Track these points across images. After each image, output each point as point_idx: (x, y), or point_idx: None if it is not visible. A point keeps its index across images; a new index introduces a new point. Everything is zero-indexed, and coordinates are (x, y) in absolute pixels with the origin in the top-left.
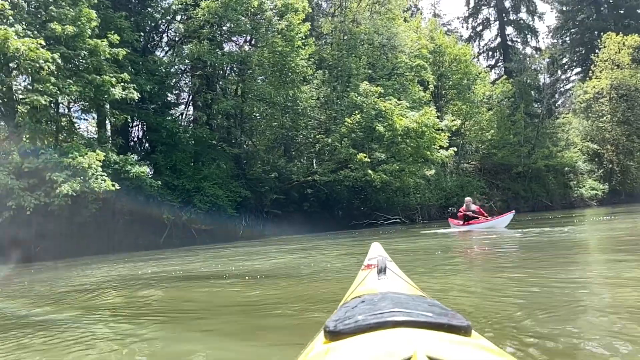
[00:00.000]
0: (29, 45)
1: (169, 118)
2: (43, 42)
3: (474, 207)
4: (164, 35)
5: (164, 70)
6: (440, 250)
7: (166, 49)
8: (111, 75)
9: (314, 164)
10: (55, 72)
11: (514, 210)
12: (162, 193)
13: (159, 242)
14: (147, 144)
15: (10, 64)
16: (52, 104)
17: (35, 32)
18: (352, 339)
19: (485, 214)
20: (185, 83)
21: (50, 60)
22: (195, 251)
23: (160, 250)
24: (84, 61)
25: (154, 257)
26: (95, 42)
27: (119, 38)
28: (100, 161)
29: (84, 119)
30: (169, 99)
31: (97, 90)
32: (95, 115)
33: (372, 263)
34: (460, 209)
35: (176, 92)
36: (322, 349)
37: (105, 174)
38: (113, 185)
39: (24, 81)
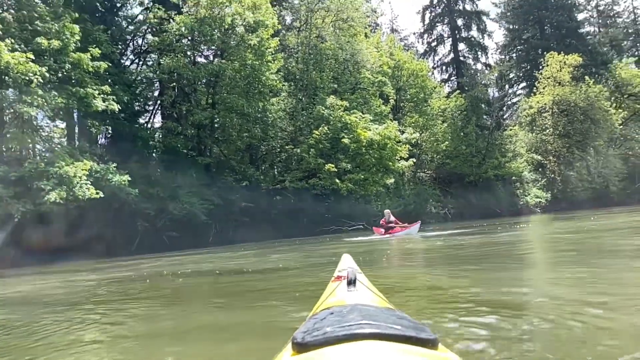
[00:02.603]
0: (19, 59)
1: (140, 126)
2: (32, 56)
3: (392, 218)
4: (130, 44)
5: (133, 79)
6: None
7: (131, 57)
8: (94, 87)
9: (281, 172)
10: (43, 84)
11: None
12: (136, 201)
13: (131, 248)
14: (113, 151)
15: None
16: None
17: (22, 46)
18: (320, 350)
19: (401, 224)
20: (151, 92)
21: (39, 73)
22: (166, 257)
23: (131, 257)
24: (67, 74)
25: (122, 264)
26: (78, 56)
27: (99, 52)
28: (87, 171)
29: (53, 126)
30: (137, 107)
31: (80, 102)
32: (63, 123)
33: (342, 275)
34: (382, 220)
35: (143, 100)
36: None
37: (89, 183)
38: (97, 193)
39: (10, 92)
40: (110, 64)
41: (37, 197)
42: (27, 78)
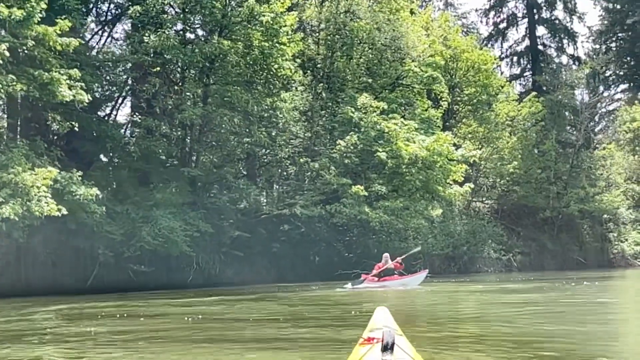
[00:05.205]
0: None
1: (104, 121)
2: None
3: (391, 263)
4: (93, 10)
5: (102, 60)
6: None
7: (92, 26)
8: (61, 72)
9: (289, 193)
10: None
11: (427, 269)
12: (100, 222)
13: (85, 284)
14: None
15: None
16: None
17: None
18: None
19: (401, 270)
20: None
21: None
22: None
23: (83, 297)
24: (29, 52)
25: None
26: (44, 29)
27: (69, 24)
28: (51, 180)
29: None
30: (98, 96)
31: (42, 90)
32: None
33: (374, 336)
34: (377, 264)
35: (108, 86)
36: None
37: (50, 195)
38: (58, 210)
39: None
40: (82, 41)
41: None
42: None
